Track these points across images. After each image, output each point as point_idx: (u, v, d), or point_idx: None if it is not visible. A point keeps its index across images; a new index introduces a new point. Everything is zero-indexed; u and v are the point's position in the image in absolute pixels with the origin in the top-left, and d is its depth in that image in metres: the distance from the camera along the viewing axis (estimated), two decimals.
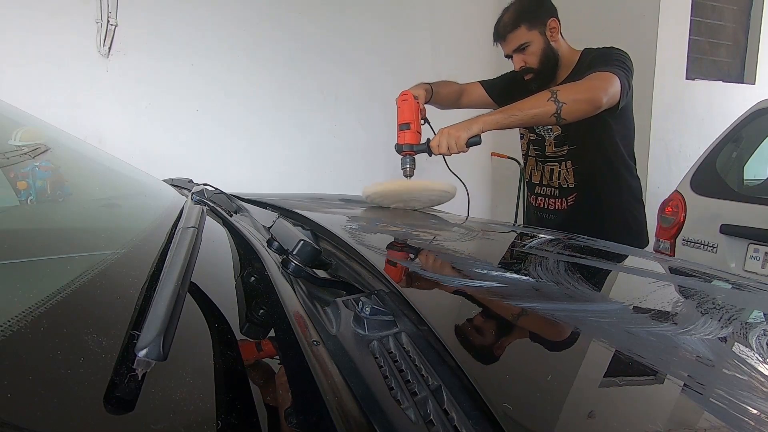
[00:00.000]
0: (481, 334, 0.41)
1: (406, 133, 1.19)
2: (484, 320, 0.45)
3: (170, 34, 2.22)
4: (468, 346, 0.38)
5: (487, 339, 0.41)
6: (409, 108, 1.21)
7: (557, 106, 1.06)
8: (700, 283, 0.59)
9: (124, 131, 2.15)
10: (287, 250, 0.57)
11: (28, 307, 0.30)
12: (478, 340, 0.40)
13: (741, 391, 0.31)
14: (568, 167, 1.31)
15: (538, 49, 1.23)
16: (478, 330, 0.43)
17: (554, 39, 1.24)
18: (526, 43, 1.22)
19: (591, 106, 1.08)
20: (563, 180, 1.34)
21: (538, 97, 1.09)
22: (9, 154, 0.74)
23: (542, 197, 1.41)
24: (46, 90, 1.97)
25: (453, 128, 1.11)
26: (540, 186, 1.41)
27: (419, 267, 0.59)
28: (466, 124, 1.11)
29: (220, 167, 2.38)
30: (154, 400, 0.27)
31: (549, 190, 1.39)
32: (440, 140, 1.11)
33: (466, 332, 0.42)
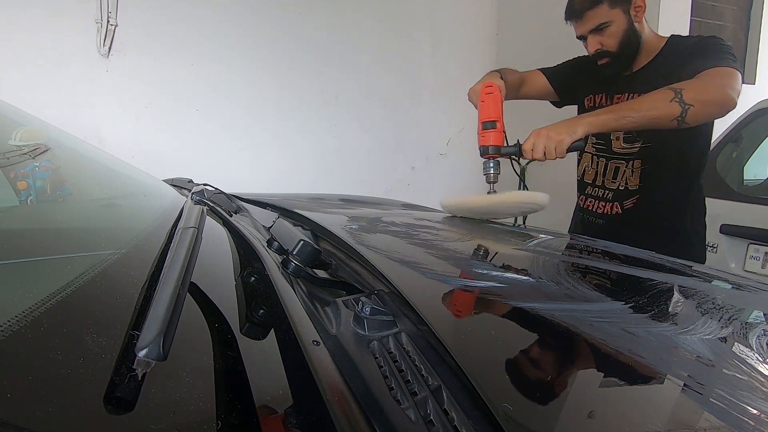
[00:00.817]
0: (481, 334, 0.41)
1: (491, 133, 1.02)
2: (484, 320, 0.45)
3: (170, 34, 2.22)
4: (468, 346, 0.38)
5: (487, 339, 0.41)
6: (494, 102, 1.03)
7: (683, 109, 0.90)
8: (700, 283, 0.59)
9: (124, 131, 2.15)
10: (287, 250, 0.57)
11: (28, 307, 0.30)
12: (478, 340, 0.40)
13: (741, 391, 0.31)
14: (634, 167, 1.14)
15: (619, 29, 1.07)
16: (478, 330, 0.43)
17: (638, 20, 1.08)
18: (606, 22, 1.06)
19: (721, 110, 0.94)
20: (623, 181, 1.17)
21: (657, 97, 0.94)
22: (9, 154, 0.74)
23: (592, 199, 1.24)
24: (46, 90, 1.97)
25: (553, 130, 0.96)
26: (593, 186, 1.24)
27: (419, 267, 0.59)
28: (569, 125, 0.96)
29: (220, 167, 2.38)
30: (154, 400, 0.27)
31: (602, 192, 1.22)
32: (536, 143, 0.97)
33: (466, 332, 0.42)
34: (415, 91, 3.03)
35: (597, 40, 1.09)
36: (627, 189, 1.16)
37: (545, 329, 0.42)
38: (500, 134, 1.03)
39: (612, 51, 1.09)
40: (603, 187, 1.22)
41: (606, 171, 1.20)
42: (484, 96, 1.05)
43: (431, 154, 3.14)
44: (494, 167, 1.03)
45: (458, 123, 3.24)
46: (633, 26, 1.08)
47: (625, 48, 1.09)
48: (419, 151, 3.08)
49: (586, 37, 1.11)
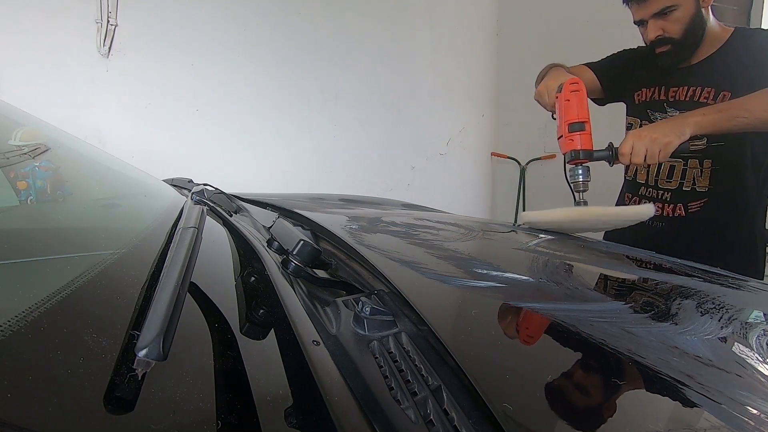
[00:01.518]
0: (481, 334, 0.41)
1: (580, 135, 0.90)
2: (484, 320, 0.45)
3: (170, 34, 2.22)
4: (468, 346, 0.38)
5: (487, 339, 0.41)
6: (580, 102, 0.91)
7: None
8: (700, 283, 0.59)
9: (124, 131, 2.15)
10: (287, 250, 0.57)
11: (28, 307, 0.30)
12: (478, 340, 0.40)
13: (741, 391, 0.31)
14: (704, 167, 1.05)
15: (686, 15, 0.97)
16: (478, 330, 0.43)
17: (705, 5, 0.98)
18: (673, 6, 0.96)
19: None
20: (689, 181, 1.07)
21: None
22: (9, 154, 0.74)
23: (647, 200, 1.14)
24: (46, 90, 1.97)
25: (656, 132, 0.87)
26: (646, 187, 1.14)
27: (419, 267, 0.59)
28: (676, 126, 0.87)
29: (220, 167, 2.38)
30: (154, 400, 0.27)
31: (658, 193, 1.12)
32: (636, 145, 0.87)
33: (466, 332, 0.42)
34: (415, 91, 3.03)
35: (659, 25, 0.99)
36: (694, 190, 1.07)
37: (545, 329, 0.42)
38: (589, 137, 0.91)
39: (675, 38, 1.00)
40: (656, 187, 1.12)
41: (660, 170, 1.11)
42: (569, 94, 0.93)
43: (431, 154, 3.14)
44: (584, 174, 0.92)
45: (458, 123, 3.24)
46: (700, 12, 0.99)
47: (690, 36, 0.99)
48: (419, 151, 3.09)
49: (647, 21, 1.01)
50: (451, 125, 3.22)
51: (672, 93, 1.07)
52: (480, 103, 3.34)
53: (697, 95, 1.03)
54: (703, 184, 1.06)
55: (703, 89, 1.02)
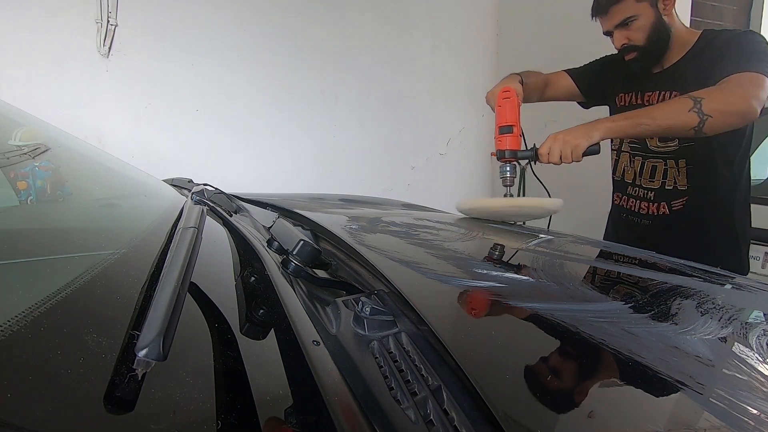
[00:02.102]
0: (481, 334, 0.41)
1: (507, 137, 1.03)
2: (484, 320, 0.45)
3: (170, 34, 2.21)
4: (468, 346, 0.38)
5: (487, 339, 0.41)
6: (512, 107, 1.04)
7: (701, 119, 0.89)
8: (700, 283, 0.59)
9: (124, 131, 2.15)
10: (287, 250, 0.57)
11: (28, 307, 0.30)
12: (478, 340, 0.40)
13: (741, 391, 0.31)
14: (680, 166, 1.11)
15: (646, 23, 1.04)
16: (478, 330, 0.43)
17: (667, 13, 1.05)
18: (632, 16, 1.04)
19: (742, 120, 0.93)
20: (672, 180, 1.13)
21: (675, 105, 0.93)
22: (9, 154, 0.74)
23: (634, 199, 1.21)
24: (46, 90, 1.97)
25: (569, 134, 0.96)
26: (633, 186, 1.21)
27: (419, 267, 0.59)
28: (586, 129, 0.96)
29: (220, 167, 2.38)
30: (154, 400, 0.27)
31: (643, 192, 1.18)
32: (552, 147, 0.97)
33: (466, 332, 0.42)
34: (415, 91, 3.03)
35: (623, 34, 1.07)
36: (675, 189, 1.13)
37: (545, 329, 0.42)
38: (517, 138, 1.03)
39: (639, 45, 1.06)
40: (641, 186, 1.19)
41: (643, 170, 1.18)
42: (501, 101, 1.05)
43: (431, 154, 3.14)
44: (510, 171, 1.04)
45: (458, 123, 3.24)
46: (662, 19, 1.05)
47: (654, 42, 1.06)
48: (419, 151, 3.08)
49: (613, 32, 1.08)
50: (451, 125, 3.21)
51: (647, 97, 1.12)
52: (480, 104, 3.30)
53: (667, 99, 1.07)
54: (683, 183, 1.12)
55: (671, 93, 1.07)
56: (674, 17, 1.07)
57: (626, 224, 1.26)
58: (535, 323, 0.43)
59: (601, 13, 1.08)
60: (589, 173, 1.32)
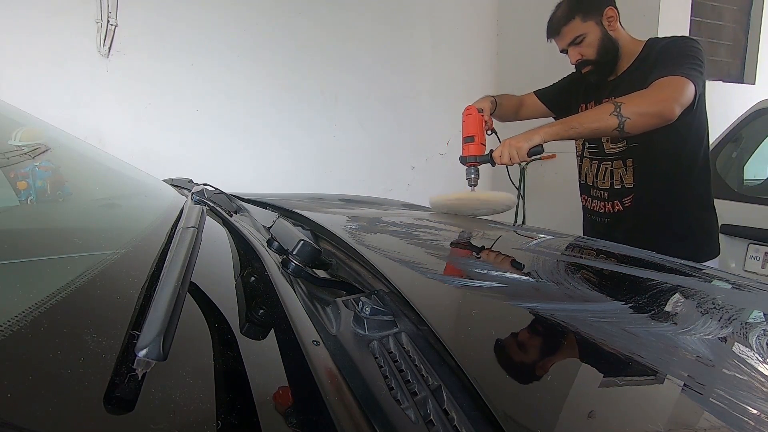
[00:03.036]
0: (481, 334, 0.41)
1: (470, 145, 1.25)
2: (484, 320, 0.45)
3: (170, 34, 2.21)
4: (468, 346, 0.38)
5: (487, 339, 0.40)
6: (473, 121, 1.28)
7: (620, 121, 1.01)
8: (700, 283, 0.59)
9: (124, 131, 2.15)
10: (287, 250, 0.57)
11: (28, 307, 0.30)
12: (478, 340, 0.40)
13: (741, 391, 0.31)
14: (627, 165, 1.22)
15: (594, 39, 1.17)
16: (478, 330, 0.42)
17: (612, 28, 1.18)
18: (581, 35, 1.17)
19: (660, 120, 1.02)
20: (618, 180, 1.24)
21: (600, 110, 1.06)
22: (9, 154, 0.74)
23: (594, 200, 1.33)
24: (46, 90, 1.97)
25: (514, 139, 1.13)
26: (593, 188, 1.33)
27: (419, 267, 0.59)
28: (528, 134, 1.12)
29: (220, 167, 2.38)
30: (154, 400, 0.27)
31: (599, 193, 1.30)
32: (502, 151, 1.14)
33: (466, 332, 0.42)
34: (415, 91, 3.03)
35: (576, 51, 1.20)
36: (624, 187, 1.24)
37: (545, 329, 0.42)
38: (478, 146, 1.25)
39: (592, 59, 1.20)
40: (597, 187, 1.31)
41: (598, 172, 1.30)
42: (465, 117, 1.32)
43: (431, 154, 3.14)
44: (474, 173, 1.25)
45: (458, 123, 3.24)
46: (608, 35, 1.17)
47: (604, 55, 1.19)
48: (419, 151, 3.08)
49: (567, 50, 1.22)
50: (451, 125, 3.21)
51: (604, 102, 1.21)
52: None
53: None
54: (629, 181, 1.23)
55: None
56: (620, 31, 1.20)
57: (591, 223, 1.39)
58: (535, 323, 0.43)
59: (554, 35, 1.23)
60: None
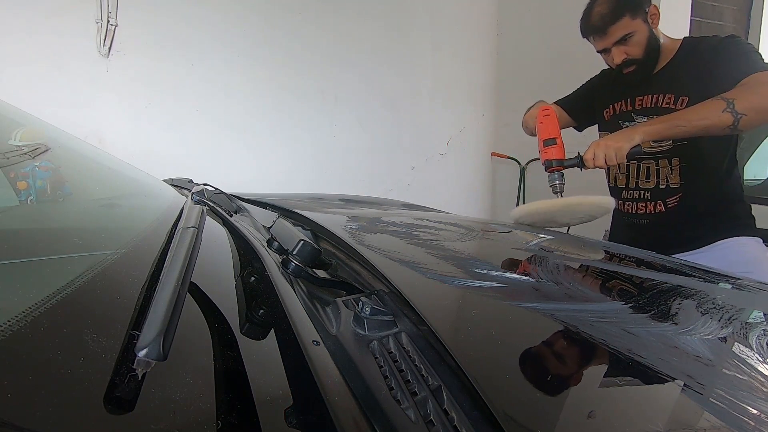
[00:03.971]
0: (481, 334, 0.41)
1: (552, 148, 1.16)
2: (484, 320, 0.45)
3: (170, 34, 2.21)
4: (468, 346, 0.38)
5: (487, 339, 0.40)
6: (552, 122, 1.19)
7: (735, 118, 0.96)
8: (700, 283, 0.59)
9: (124, 131, 2.15)
10: (287, 250, 0.57)
11: (28, 307, 0.30)
12: (478, 340, 0.40)
13: (741, 391, 0.31)
14: (673, 165, 1.18)
15: (642, 38, 1.13)
16: (478, 330, 0.42)
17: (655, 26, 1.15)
18: (630, 33, 1.12)
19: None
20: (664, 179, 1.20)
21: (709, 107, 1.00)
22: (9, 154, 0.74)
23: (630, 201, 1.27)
24: (46, 90, 1.97)
25: (611, 139, 1.05)
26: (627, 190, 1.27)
27: (419, 267, 0.59)
28: (627, 134, 1.05)
29: (220, 167, 2.38)
30: (154, 400, 0.27)
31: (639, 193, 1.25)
32: (597, 152, 1.06)
33: (466, 332, 0.42)
34: (415, 91, 3.03)
35: (622, 50, 1.15)
36: (668, 187, 1.20)
37: (545, 329, 0.42)
38: (561, 149, 1.15)
39: (638, 58, 1.15)
40: (637, 188, 1.25)
41: (639, 172, 1.25)
42: (542, 118, 1.19)
43: (431, 154, 3.14)
44: (559, 178, 1.14)
45: (458, 123, 3.24)
46: (653, 32, 1.14)
47: (650, 53, 1.15)
48: (419, 151, 3.08)
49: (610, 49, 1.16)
50: (451, 125, 3.22)
51: (639, 102, 1.21)
52: (480, 104, 3.33)
53: (661, 101, 1.17)
54: (676, 181, 1.19)
55: (664, 96, 1.16)
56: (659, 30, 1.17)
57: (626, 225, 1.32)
58: (535, 323, 0.43)
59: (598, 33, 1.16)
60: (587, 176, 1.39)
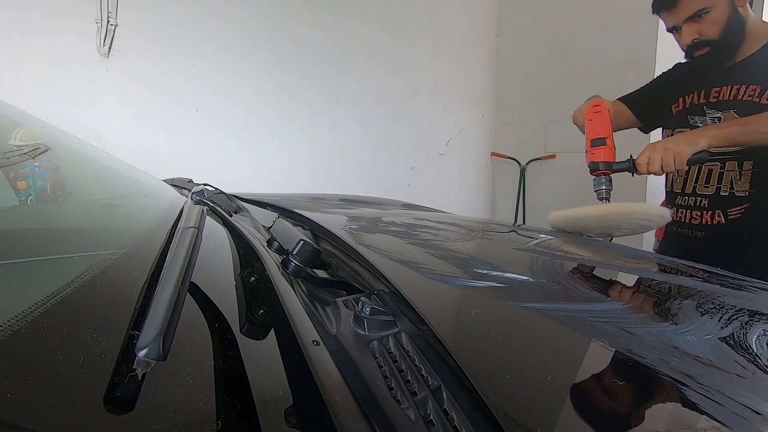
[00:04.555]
0: (481, 334, 0.41)
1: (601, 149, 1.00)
2: (484, 320, 0.45)
3: (170, 34, 2.21)
4: (468, 346, 0.38)
5: (487, 339, 0.41)
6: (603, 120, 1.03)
7: None
8: (699, 283, 0.59)
9: (124, 131, 2.15)
10: (287, 250, 0.57)
11: (28, 307, 0.30)
12: (478, 340, 0.40)
13: (741, 391, 0.31)
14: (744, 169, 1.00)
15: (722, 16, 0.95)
16: (478, 330, 0.43)
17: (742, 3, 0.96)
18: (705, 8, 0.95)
19: None
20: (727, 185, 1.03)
21: None
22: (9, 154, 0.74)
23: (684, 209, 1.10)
24: (46, 90, 1.96)
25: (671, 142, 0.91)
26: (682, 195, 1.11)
27: (419, 267, 0.59)
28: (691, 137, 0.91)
29: (220, 167, 2.38)
30: (154, 400, 0.27)
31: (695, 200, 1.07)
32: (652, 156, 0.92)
33: (466, 332, 0.42)
34: (415, 91, 3.03)
35: (694, 29, 0.98)
36: (733, 195, 1.02)
37: (545, 329, 0.42)
38: (611, 150, 1.00)
39: (714, 39, 0.98)
40: (694, 193, 1.08)
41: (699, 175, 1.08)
42: (592, 115, 1.03)
43: (431, 154, 3.14)
44: (606, 183, 0.99)
45: (458, 123, 3.24)
46: (736, 11, 0.96)
47: (729, 36, 0.97)
48: (419, 151, 3.08)
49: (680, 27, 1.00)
50: (451, 125, 3.22)
51: (714, 94, 1.04)
52: (480, 104, 3.34)
53: (742, 93, 0.99)
54: (743, 188, 1.01)
55: (747, 87, 0.99)
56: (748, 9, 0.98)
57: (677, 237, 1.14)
58: (535, 323, 0.43)
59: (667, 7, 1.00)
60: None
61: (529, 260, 0.68)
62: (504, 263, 0.66)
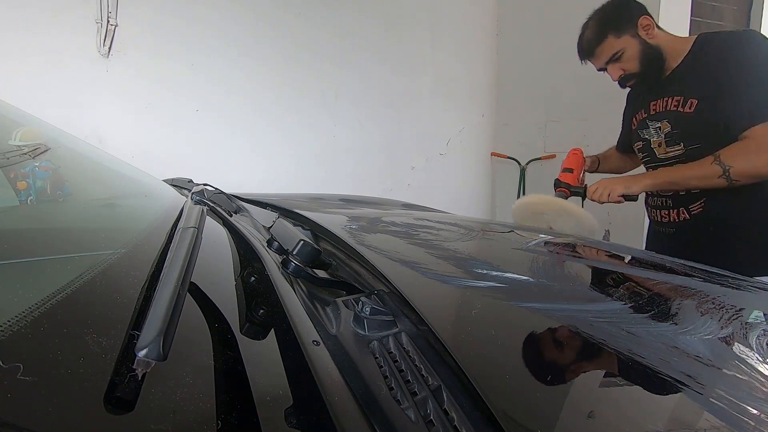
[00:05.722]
0: (481, 334, 0.41)
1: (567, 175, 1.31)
2: (484, 320, 0.45)
3: (170, 33, 2.21)
4: (468, 346, 0.38)
5: (487, 339, 0.41)
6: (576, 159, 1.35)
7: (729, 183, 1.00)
8: (700, 283, 0.59)
9: (124, 131, 2.15)
10: (287, 250, 0.57)
11: (29, 307, 0.30)
12: (478, 340, 0.40)
13: (741, 391, 0.31)
14: None
15: (635, 51, 1.11)
16: (478, 330, 0.42)
17: (651, 36, 1.10)
18: (619, 50, 1.11)
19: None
20: None
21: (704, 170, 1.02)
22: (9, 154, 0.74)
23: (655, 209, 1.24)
24: (46, 90, 1.96)
25: (613, 181, 1.14)
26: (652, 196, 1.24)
27: (419, 267, 0.59)
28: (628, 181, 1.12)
29: (220, 167, 2.38)
30: (154, 400, 0.27)
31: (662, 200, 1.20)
32: (598, 188, 1.16)
33: (466, 332, 0.42)
34: (415, 91, 3.03)
35: (617, 67, 1.14)
36: (689, 192, 1.13)
37: (545, 329, 0.42)
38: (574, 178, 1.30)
39: (636, 72, 1.13)
40: (659, 194, 1.21)
41: None
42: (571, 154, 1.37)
43: (431, 154, 3.14)
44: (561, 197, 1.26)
45: (458, 123, 3.24)
46: (647, 44, 1.11)
47: (648, 65, 1.12)
48: (419, 151, 3.08)
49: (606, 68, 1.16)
50: (451, 125, 3.21)
51: (653, 107, 1.18)
52: (480, 103, 3.34)
53: (669, 104, 1.13)
54: None
55: (672, 98, 1.12)
56: (659, 35, 1.12)
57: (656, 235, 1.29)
58: (535, 323, 0.43)
59: (588, 57, 1.18)
60: None
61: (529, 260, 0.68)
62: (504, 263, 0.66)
